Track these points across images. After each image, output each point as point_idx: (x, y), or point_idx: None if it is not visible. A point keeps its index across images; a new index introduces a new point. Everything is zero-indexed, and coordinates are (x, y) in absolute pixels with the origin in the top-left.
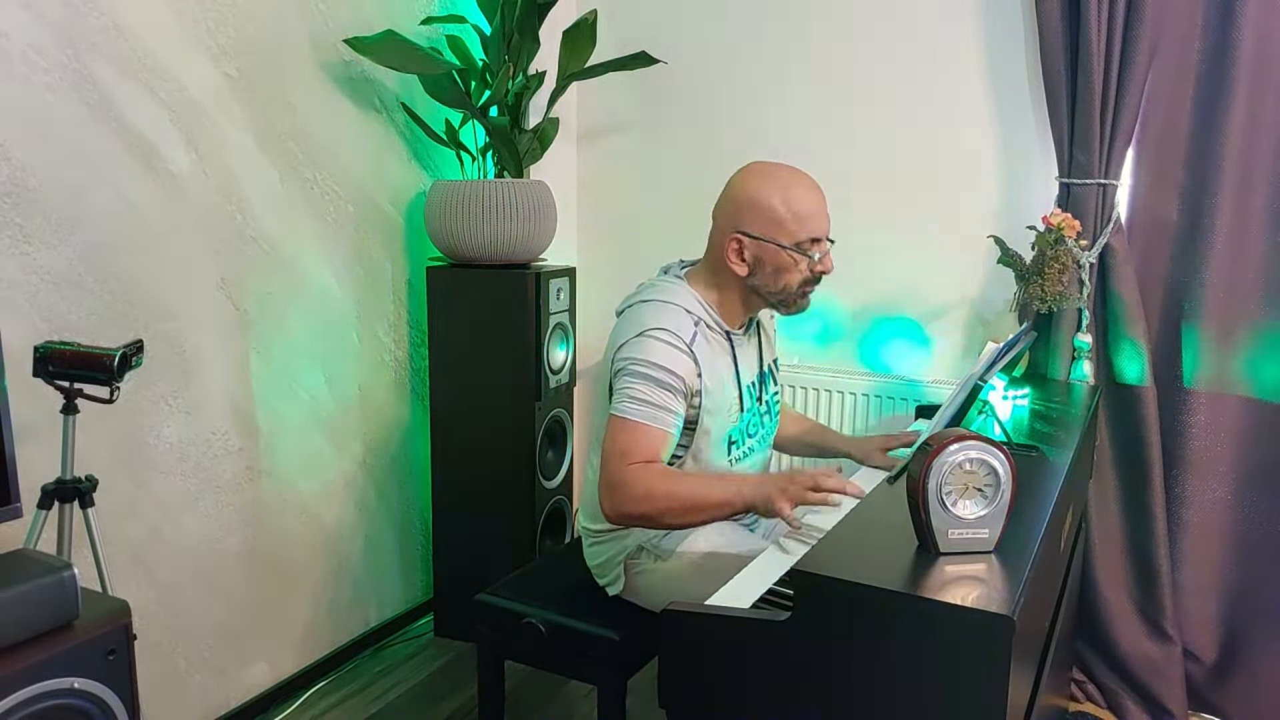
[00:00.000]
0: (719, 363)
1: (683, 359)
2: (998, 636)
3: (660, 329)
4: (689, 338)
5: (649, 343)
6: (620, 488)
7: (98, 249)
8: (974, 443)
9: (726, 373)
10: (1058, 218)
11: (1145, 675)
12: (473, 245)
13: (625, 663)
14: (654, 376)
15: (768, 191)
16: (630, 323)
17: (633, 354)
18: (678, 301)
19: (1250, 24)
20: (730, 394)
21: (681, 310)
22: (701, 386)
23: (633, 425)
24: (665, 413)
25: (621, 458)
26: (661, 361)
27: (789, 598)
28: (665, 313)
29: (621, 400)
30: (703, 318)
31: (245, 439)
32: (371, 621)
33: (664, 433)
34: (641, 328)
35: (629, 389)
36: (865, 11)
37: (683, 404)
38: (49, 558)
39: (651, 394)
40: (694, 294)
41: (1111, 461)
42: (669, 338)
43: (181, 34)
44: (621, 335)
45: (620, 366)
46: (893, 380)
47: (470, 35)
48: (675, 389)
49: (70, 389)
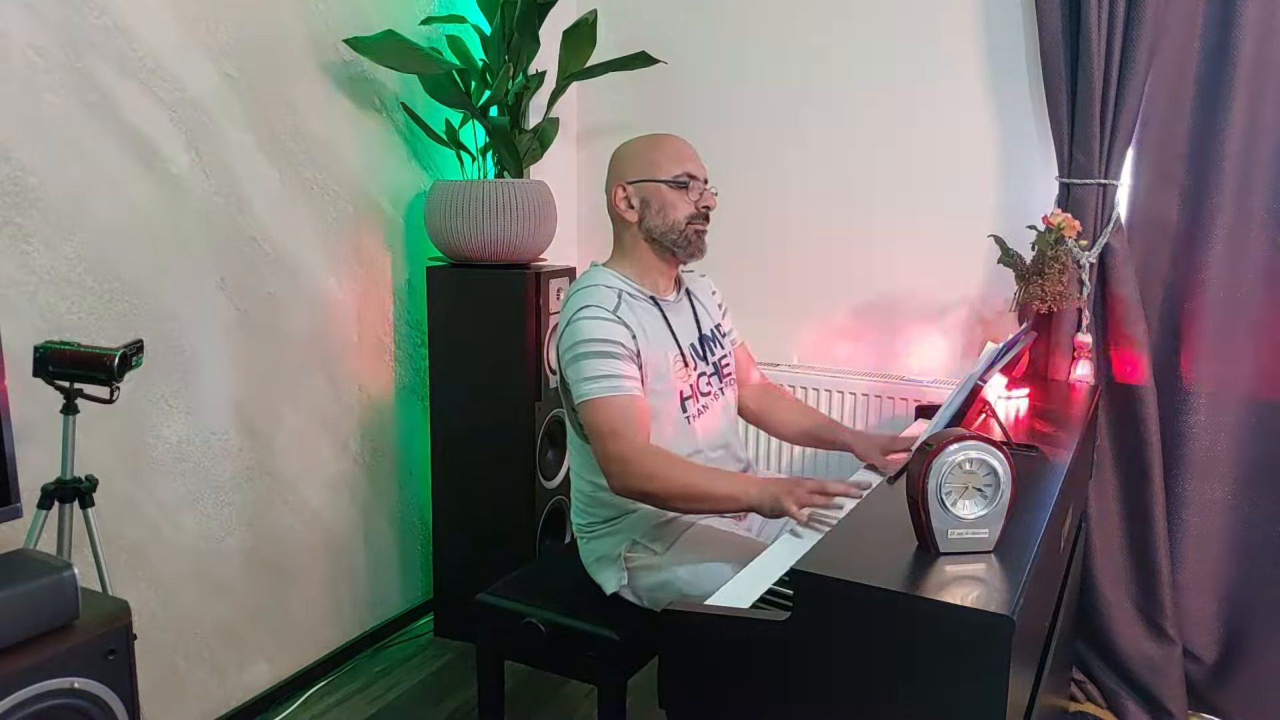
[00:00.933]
0: (650, 325)
1: (615, 326)
2: (998, 636)
3: (584, 307)
4: (612, 306)
5: (580, 324)
6: (630, 464)
7: (98, 249)
8: (974, 443)
9: (661, 333)
10: (1058, 218)
11: (1145, 675)
12: (473, 245)
13: (625, 663)
14: (598, 350)
15: (638, 143)
16: (563, 318)
17: (571, 339)
18: (595, 282)
19: (1250, 25)
20: (669, 352)
21: (600, 287)
22: (639, 346)
23: (604, 401)
24: (624, 379)
25: (615, 435)
26: (598, 335)
27: (789, 598)
28: (585, 294)
29: (580, 384)
30: (623, 289)
31: (245, 439)
32: (371, 621)
33: (633, 397)
34: (570, 317)
35: (582, 371)
36: (865, 11)
37: (634, 367)
38: (49, 558)
39: (604, 366)
40: (610, 272)
41: (1111, 461)
42: (595, 311)
43: (181, 34)
44: (560, 330)
45: (567, 357)
46: (893, 380)
47: (470, 35)
48: (621, 355)
49: (70, 389)
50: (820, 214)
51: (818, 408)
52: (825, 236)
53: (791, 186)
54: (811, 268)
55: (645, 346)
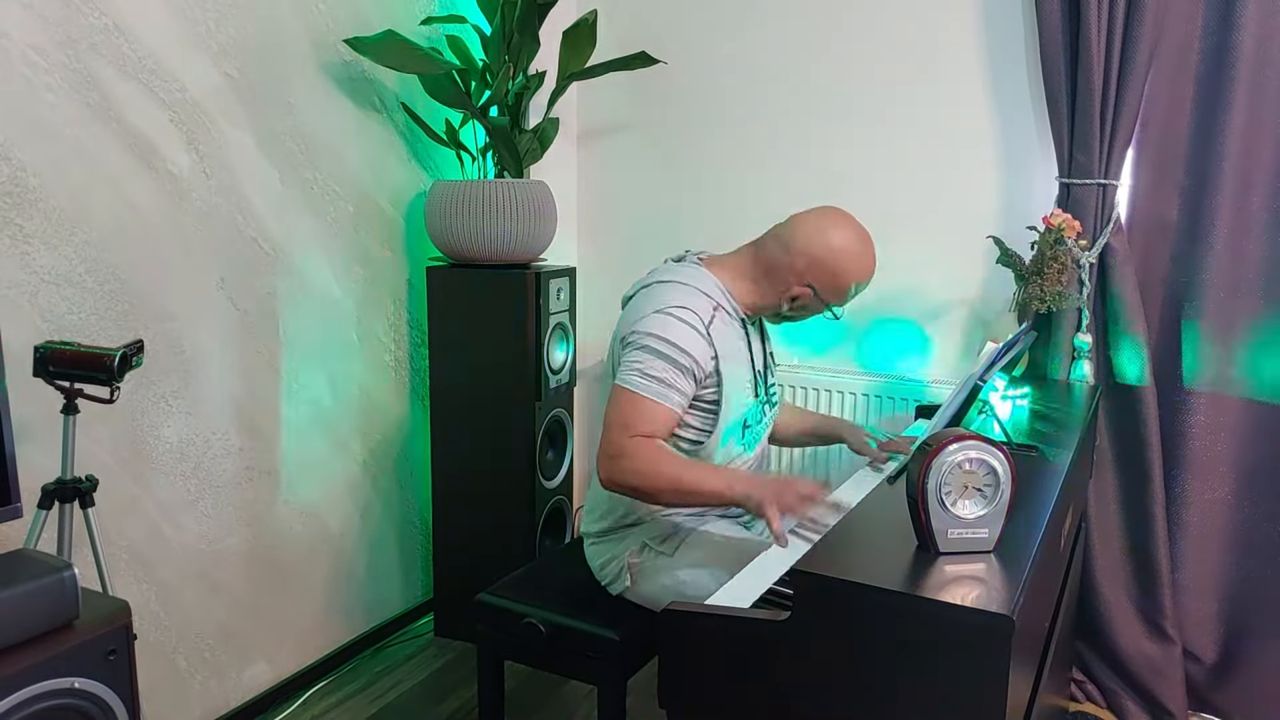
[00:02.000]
0: (736, 345)
1: (698, 341)
2: (998, 636)
3: (679, 307)
4: (707, 320)
5: (666, 320)
6: (619, 458)
7: (98, 249)
8: (974, 443)
9: (743, 356)
10: (1058, 218)
11: (1145, 675)
12: (473, 245)
13: (625, 663)
14: (666, 354)
15: (852, 268)
16: (647, 301)
17: (648, 328)
18: (697, 285)
19: (1250, 24)
20: (746, 376)
21: (700, 293)
22: (719, 369)
23: (639, 399)
24: (672, 390)
25: (624, 429)
26: (676, 340)
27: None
28: (684, 294)
29: (630, 373)
30: (721, 302)
31: (245, 439)
32: (371, 621)
33: (668, 410)
34: (659, 305)
35: (639, 362)
36: (865, 11)
37: (691, 385)
38: (49, 558)
39: (662, 371)
40: (714, 279)
41: (1111, 461)
42: (688, 317)
43: (181, 34)
44: (637, 312)
45: (633, 339)
46: (893, 380)
47: (470, 35)
48: (686, 369)
49: (70, 389)
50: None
51: (818, 408)
52: None
53: (791, 186)
54: None
55: (724, 366)
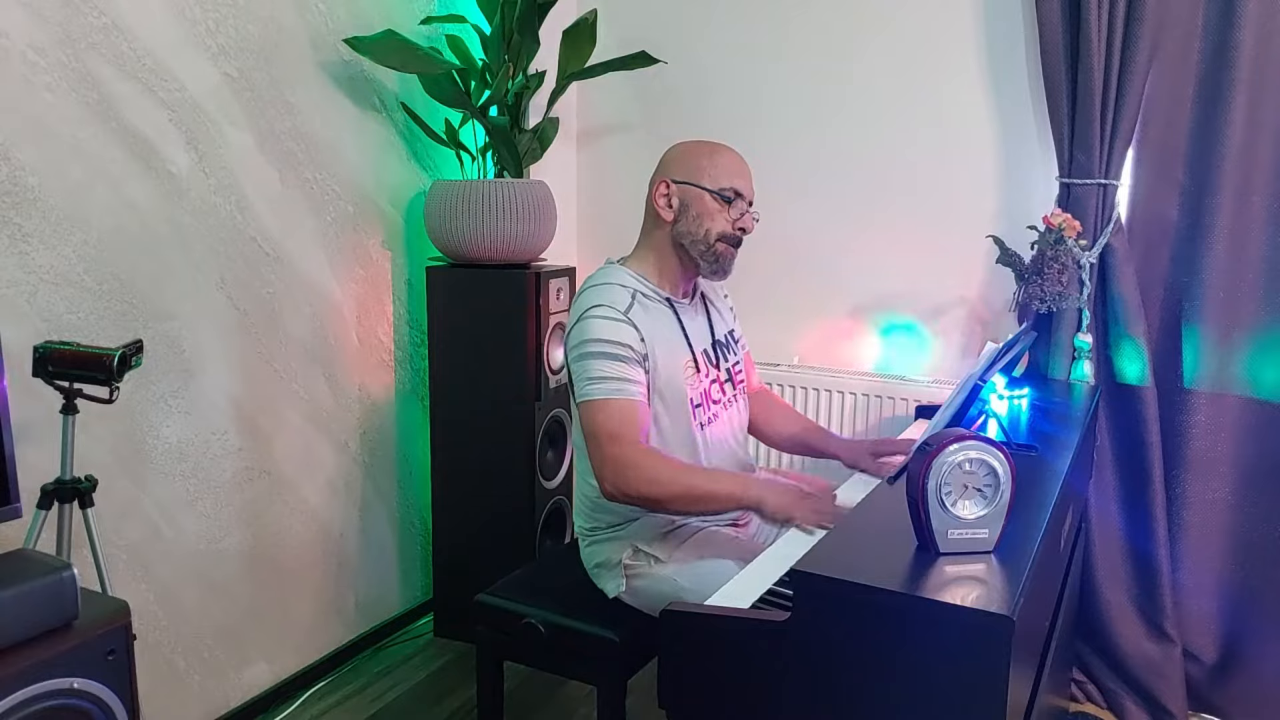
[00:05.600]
0: (662, 326)
1: (624, 328)
2: (998, 636)
3: (595, 306)
4: (624, 307)
5: (589, 322)
6: (630, 469)
7: (97, 249)
8: (974, 443)
9: (673, 335)
10: (1058, 218)
11: (1145, 675)
12: (473, 245)
13: (625, 663)
14: (605, 351)
15: (695, 147)
16: (572, 315)
17: (579, 338)
18: (609, 280)
19: (1251, 24)
20: (680, 355)
21: (614, 286)
22: (648, 350)
23: (604, 404)
24: (628, 383)
25: (614, 439)
26: (606, 335)
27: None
28: (598, 293)
29: (583, 384)
30: (638, 289)
31: (245, 439)
32: (371, 621)
33: (634, 401)
34: (579, 313)
35: (587, 371)
36: (865, 11)
37: (641, 371)
38: (49, 558)
39: (608, 368)
40: (627, 271)
41: (1111, 461)
42: (605, 311)
43: (181, 34)
44: (569, 330)
45: (571, 354)
46: (893, 380)
47: (470, 35)
48: (628, 358)
49: (70, 389)
50: (820, 213)
51: (818, 408)
52: (825, 236)
53: (791, 186)
54: (811, 267)
55: (655, 349)
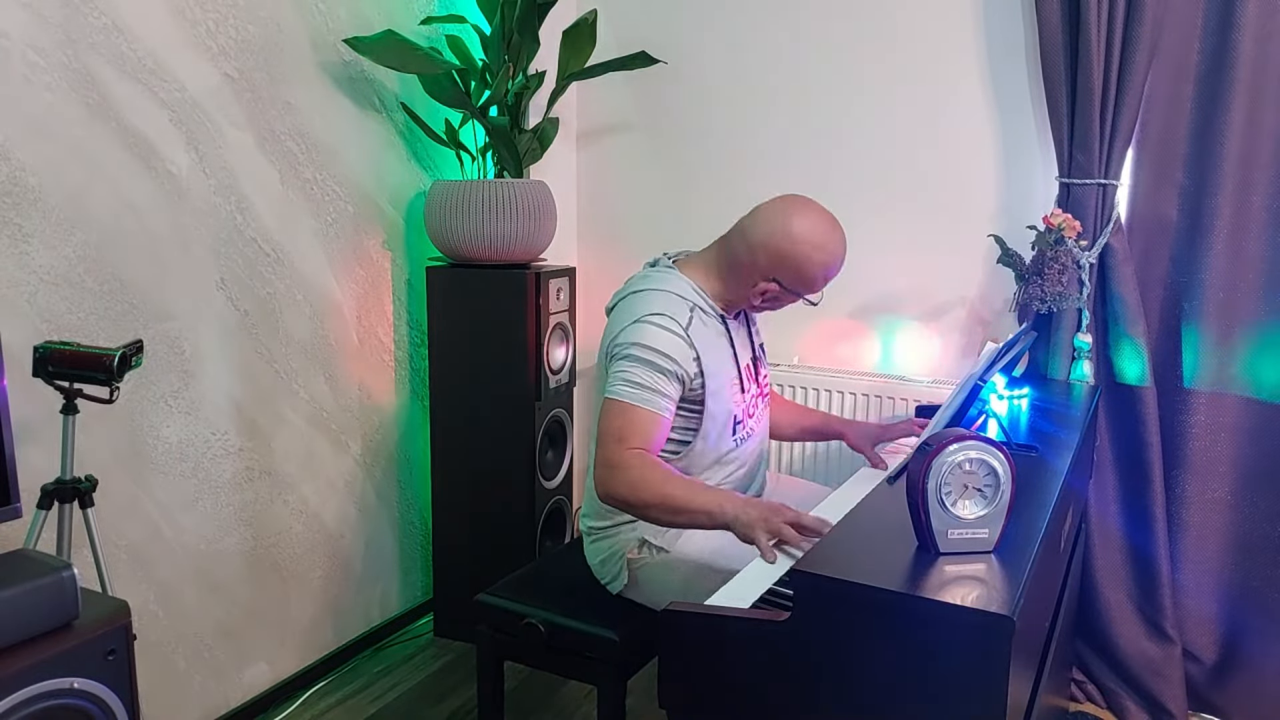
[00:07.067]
0: (717, 344)
1: (679, 344)
2: (998, 636)
3: (656, 314)
4: (685, 323)
5: (645, 328)
6: (615, 470)
7: (98, 249)
8: (974, 443)
9: (725, 353)
10: (1058, 218)
11: (1145, 675)
12: (473, 245)
13: (625, 663)
14: (650, 360)
15: (816, 258)
16: (626, 312)
17: (629, 339)
18: (672, 289)
19: (1250, 25)
20: (730, 373)
21: (676, 297)
22: (702, 369)
23: (627, 408)
24: (659, 396)
25: (619, 441)
26: (657, 346)
27: (789, 598)
28: (660, 300)
29: (616, 383)
30: (698, 303)
31: (245, 439)
32: (371, 621)
33: (657, 416)
34: (636, 315)
35: (624, 372)
36: (865, 11)
37: (677, 388)
38: (49, 558)
39: (646, 378)
40: (688, 281)
41: (1111, 461)
42: (665, 323)
43: (181, 34)
44: (618, 324)
45: (616, 351)
46: (893, 380)
47: (470, 35)
48: (670, 373)
49: (70, 389)
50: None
51: (818, 408)
52: None
53: (791, 186)
54: None
55: (709, 369)
